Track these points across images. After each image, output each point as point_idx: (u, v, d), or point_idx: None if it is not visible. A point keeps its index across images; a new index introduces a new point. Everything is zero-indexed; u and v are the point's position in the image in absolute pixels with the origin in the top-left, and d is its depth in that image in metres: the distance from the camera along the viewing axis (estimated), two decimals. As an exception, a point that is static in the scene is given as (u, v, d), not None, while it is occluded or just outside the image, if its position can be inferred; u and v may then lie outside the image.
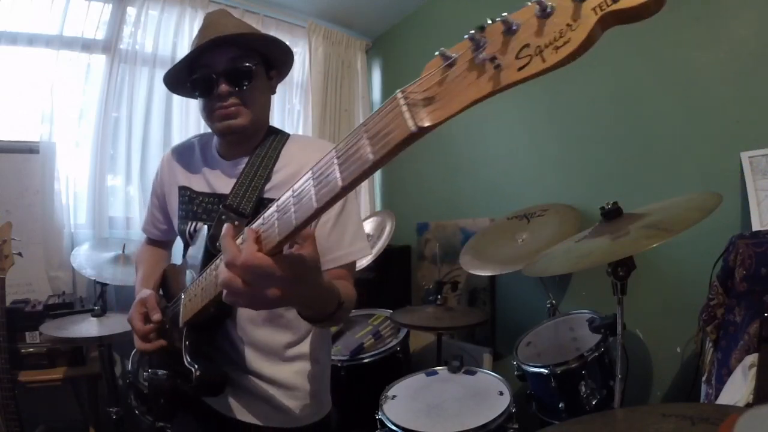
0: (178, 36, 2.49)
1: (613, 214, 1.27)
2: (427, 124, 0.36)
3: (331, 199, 0.44)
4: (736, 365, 1.07)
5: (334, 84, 3.01)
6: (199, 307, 0.74)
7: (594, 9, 0.29)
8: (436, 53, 0.37)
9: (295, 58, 1.07)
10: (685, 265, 1.60)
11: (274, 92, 1.03)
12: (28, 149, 2.13)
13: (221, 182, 0.99)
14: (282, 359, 0.95)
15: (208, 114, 0.95)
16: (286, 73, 1.07)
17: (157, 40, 2.43)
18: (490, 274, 1.91)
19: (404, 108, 0.37)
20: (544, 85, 2.10)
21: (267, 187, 0.94)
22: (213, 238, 0.87)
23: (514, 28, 0.33)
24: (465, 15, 2.50)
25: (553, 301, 1.82)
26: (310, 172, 0.48)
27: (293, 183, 0.50)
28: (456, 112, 0.35)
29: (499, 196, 2.32)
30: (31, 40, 2.14)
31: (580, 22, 0.30)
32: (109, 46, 2.31)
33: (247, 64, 0.93)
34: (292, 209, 0.49)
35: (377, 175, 3.26)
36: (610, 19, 0.29)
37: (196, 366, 0.80)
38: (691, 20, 1.60)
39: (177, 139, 2.48)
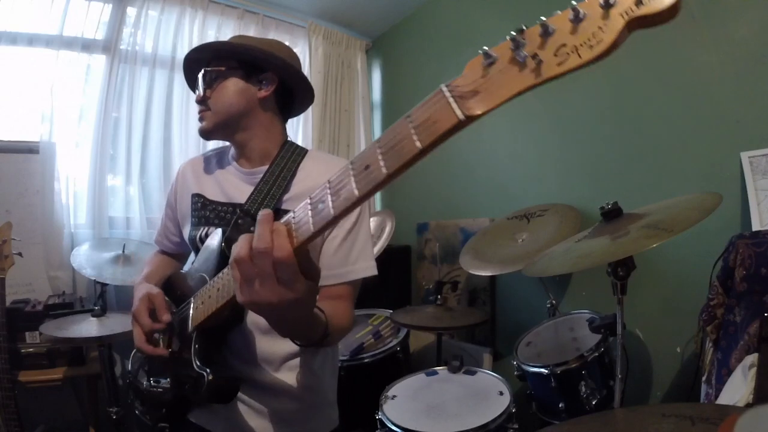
0: (178, 36, 2.49)
1: (613, 214, 1.27)
2: (476, 112, 0.39)
3: (373, 188, 0.45)
4: (736, 365, 1.07)
5: (334, 84, 3.01)
6: (215, 308, 0.72)
7: (621, 14, 0.35)
8: (480, 51, 0.40)
9: (269, 48, 1.04)
10: (685, 265, 1.60)
11: (264, 93, 0.99)
12: (28, 149, 2.13)
13: (237, 191, 0.99)
14: (279, 368, 0.93)
15: None
16: (275, 69, 1.00)
17: (157, 41, 2.43)
18: (490, 274, 1.91)
19: (450, 99, 0.40)
20: (544, 85, 2.10)
21: (285, 197, 0.94)
22: (229, 241, 0.85)
23: (551, 31, 0.37)
24: (465, 15, 2.51)
25: (553, 301, 1.82)
26: (350, 164, 0.48)
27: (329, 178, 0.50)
28: (503, 101, 0.39)
29: (499, 196, 2.32)
30: (31, 40, 2.14)
31: (609, 24, 0.35)
32: (109, 46, 2.31)
33: (210, 69, 0.97)
34: (329, 200, 0.49)
35: (377, 175, 3.25)
36: (635, 24, 0.35)
37: (207, 370, 0.77)
38: (691, 20, 1.60)
39: (177, 139, 2.49)
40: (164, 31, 2.46)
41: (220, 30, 2.64)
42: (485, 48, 0.40)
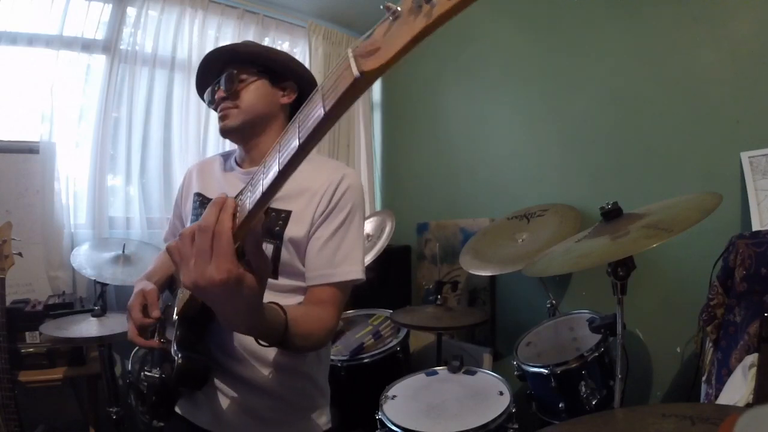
0: (178, 36, 2.49)
1: (613, 214, 1.27)
2: (368, 68, 0.38)
3: (291, 159, 0.45)
4: (736, 365, 1.07)
5: (334, 84, 3.01)
6: (188, 296, 0.75)
7: None
8: (381, 6, 0.39)
9: (295, 58, 1.08)
10: (685, 265, 1.60)
11: (286, 99, 1.03)
12: (28, 149, 2.13)
13: (234, 191, 0.99)
14: (263, 365, 0.92)
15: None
16: (294, 78, 1.05)
17: (157, 41, 2.43)
18: (490, 274, 1.91)
19: (351, 59, 0.39)
20: (545, 86, 2.11)
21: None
22: None
23: None
24: (465, 14, 2.49)
25: (553, 301, 1.82)
26: (278, 142, 0.49)
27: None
28: (395, 53, 0.37)
29: (499, 196, 2.32)
30: (31, 40, 2.14)
31: None
32: (109, 46, 2.31)
33: (237, 71, 0.99)
34: (261, 179, 0.50)
35: (377, 175, 3.25)
36: None
37: (179, 355, 0.79)
38: (691, 20, 1.60)
39: (177, 139, 2.49)
40: (164, 31, 2.46)
41: (220, 30, 2.64)
42: (388, 3, 0.38)
